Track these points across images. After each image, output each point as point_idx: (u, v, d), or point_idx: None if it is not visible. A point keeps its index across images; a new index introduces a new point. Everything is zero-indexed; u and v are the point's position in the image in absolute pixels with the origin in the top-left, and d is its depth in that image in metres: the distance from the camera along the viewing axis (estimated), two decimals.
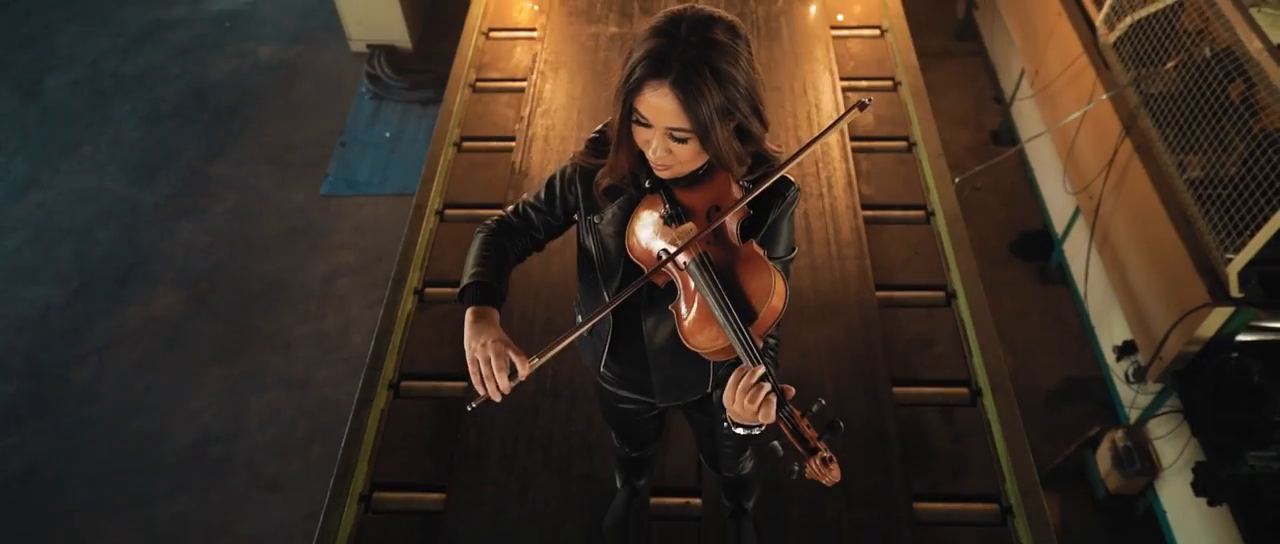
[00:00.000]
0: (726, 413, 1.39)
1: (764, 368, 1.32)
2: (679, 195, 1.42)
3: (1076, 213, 4.16)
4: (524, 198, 1.64)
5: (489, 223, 1.62)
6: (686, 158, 1.35)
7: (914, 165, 3.54)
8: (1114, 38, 3.77)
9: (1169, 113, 3.34)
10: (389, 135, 5.42)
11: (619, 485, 2.45)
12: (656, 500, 2.54)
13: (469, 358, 1.39)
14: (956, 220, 3.22)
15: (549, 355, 1.37)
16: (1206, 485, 3.07)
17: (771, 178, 1.37)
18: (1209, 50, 3.24)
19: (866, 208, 3.34)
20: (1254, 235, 2.81)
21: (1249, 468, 2.97)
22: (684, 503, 2.56)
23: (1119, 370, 3.62)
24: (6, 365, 4.30)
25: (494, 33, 4.22)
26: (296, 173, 5.20)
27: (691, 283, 1.39)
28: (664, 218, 1.41)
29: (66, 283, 4.65)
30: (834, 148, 3.53)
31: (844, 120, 1.39)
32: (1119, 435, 3.51)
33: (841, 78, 3.87)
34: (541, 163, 3.52)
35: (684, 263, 1.38)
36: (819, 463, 1.33)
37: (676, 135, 1.31)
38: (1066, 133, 4.11)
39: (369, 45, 5.81)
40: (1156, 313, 3.28)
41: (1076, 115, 3.95)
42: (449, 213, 3.40)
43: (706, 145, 1.30)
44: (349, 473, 2.57)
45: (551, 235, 1.65)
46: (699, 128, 1.27)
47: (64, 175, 5.24)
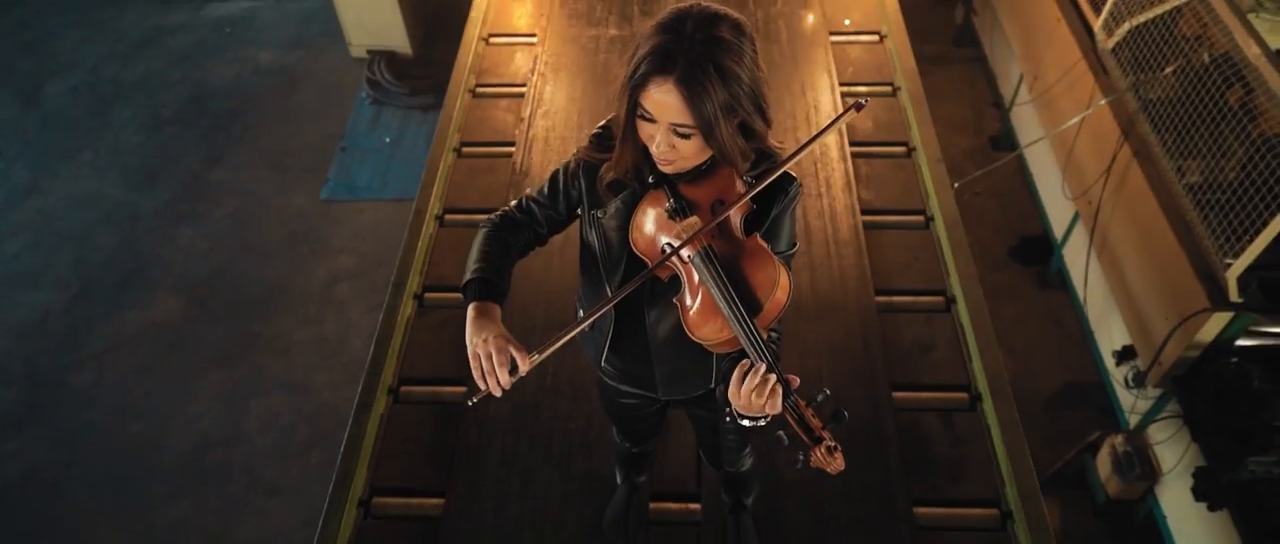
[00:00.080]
0: (731, 406, 1.40)
1: (769, 359, 1.34)
2: (683, 190, 1.43)
3: (1075, 218, 4.16)
4: (527, 192, 1.64)
5: (492, 217, 1.63)
6: (690, 153, 1.36)
7: (913, 170, 3.54)
8: (1112, 43, 3.78)
9: (1168, 118, 3.34)
10: (389, 140, 5.43)
11: (619, 482, 2.46)
12: (656, 505, 2.54)
13: (470, 353, 1.40)
14: (956, 225, 3.22)
15: (550, 351, 1.37)
16: (1207, 491, 3.07)
17: (775, 173, 1.38)
18: (1207, 55, 3.25)
19: (866, 213, 3.34)
20: (1253, 240, 2.82)
21: (1249, 473, 2.97)
22: (683, 507, 2.55)
23: (1119, 375, 3.62)
24: (6, 370, 4.30)
25: (494, 38, 4.23)
26: (296, 178, 5.21)
27: (696, 276, 1.40)
28: (668, 212, 1.42)
29: (66, 288, 4.65)
30: (833, 152, 3.53)
31: (841, 120, 1.40)
32: (1119, 440, 3.51)
33: (841, 83, 3.88)
34: (542, 164, 3.52)
35: (688, 256, 1.39)
36: (824, 452, 1.35)
37: (680, 131, 1.31)
38: (1065, 138, 4.12)
39: (369, 51, 5.82)
40: (1156, 318, 3.28)
41: (1075, 121, 3.95)
42: (449, 218, 3.40)
43: (710, 141, 1.31)
44: (348, 478, 2.56)
45: (554, 230, 1.65)
46: (703, 124, 1.28)
47: (64, 181, 5.25)
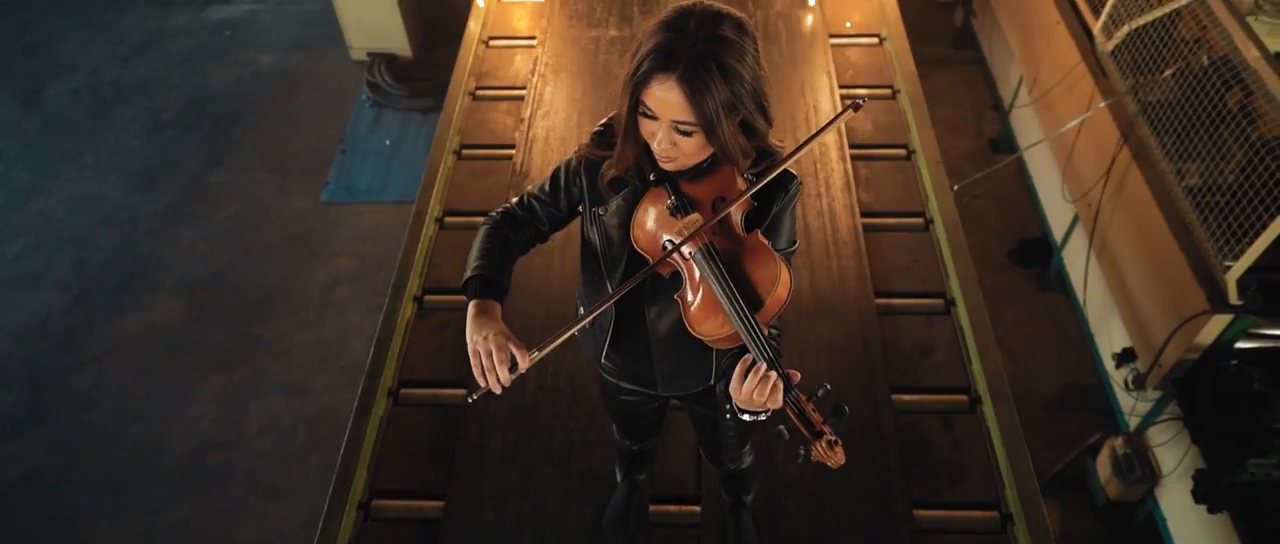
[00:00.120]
0: (731, 402, 1.40)
1: (770, 355, 1.35)
2: (684, 187, 1.44)
3: (1075, 220, 4.17)
4: (528, 189, 1.66)
5: (494, 214, 1.64)
6: (691, 151, 1.37)
7: (913, 173, 3.55)
8: (1112, 46, 3.78)
9: (1167, 120, 3.34)
10: (389, 143, 5.43)
11: (619, 480, 2.47)
12: (656, 507, 2.54)
13: (470, 350, 1.41)
14: (955, 228, 3.22)
15: (549, 348, 1.38)
16: (1207, 493, 3.07)
17: (775, 171, 1.39)
18: (1206, 58, 3.25)
19: (865, 215, 3.34)
20: (1253, 243, 2.82)
21: (1249, 476, 2.97)
22: (683, 510, 2.55)
23: (1118, 377, 3.62)
24: (6, 373, 4.30)
25: (494, 41, 4.23)
26: (297, 180, 5.21)
27: (697, 273, 1.41)
28: (669, 209, 1.43)
29: (67, 290, 4.65)
30: (833, 155, 3.54)
31: (840, 119, 1.41)
32: (1119, 443, 3.51)
33: (841, 85, 3.88)
34: (542, 165, 3.53)
35: (690, 253, 1.40)
36: (824, 446, 1.37)
37: (682, 128, 1.32)
38: (1065, 140, 4.12)
39: (369, 53, 5.83)
40: (1155, 320, 3.28)
41: (1075, 123, 3.96)
42: (449, 220, 3.41)
43: (712, 139, 1.32)
44: (348, 480, 2.57)
45: (555, 227, 1.67)
46: (705, 122, 1.29)
47: (65, 183, 5.25)
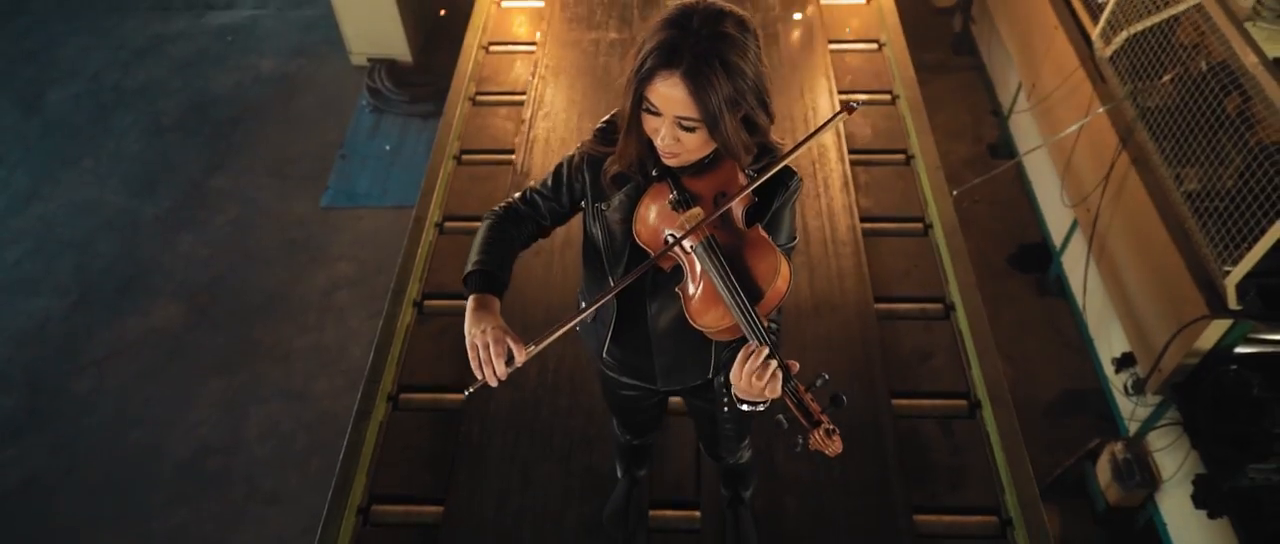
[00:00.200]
0: (733, 391, 1.43)
1: (770, 344, 1.37)
2: (686, 183, 1.46)
3: (1074, 225, 4.17)
4: (531, 185, 1.68)
5: (496, 209, 1.66)
6: (694, 146, 1.39)
7: (912, 178, 3.55)
8: (1110, 51, 3.79)
9: (1166, 126, 3.35)
10: (389, 148, 5.44)
11: (619, 476, 2.49)
12: (656, 512, 2.54)
13: (468, 343, 1.43)
14: (955, 233, 3.23)
15: (546, 343, 1.40)
16: (1207, 498, 3.06)
17: (775, 167, 1.41)
18: (1205, 64, 3.25)
19: (865, 220, 3.35)
20: (1252, 248, 2.82)
21: (1249, 481, 2.97)
22: (683, 515, 2.55)
23: (1118, 382, 3.62)
24: (6, 377, 4.30)
25: (494, 47, 4.24)
26: (297, 185, 5.22)
27: (698, 266, 1.43)
28: (671, 203, 1.45)
29: (66, 295, 4.65)
30: (832, 160, 3.54)
31: (835, 121, 1.43)
32: (1119, 448, 3.50)
33: (840, 91, 3.89)
34: (542, 166, 3.54)
35: (691, 247, 1.42)
36: (822, 434, 1.40)
37: (685, 124, 1.34)
38: (1064, 146, 4.13)
39: (369, 59, 5.83)
40: (1155, 325, 3.28)
41: (1074, 128, 3.96)
42: (448, 225, 3.41)
43: (715, 135, 1.34)
44: (347, 486, 2.57)
45: (557, 222, 1.69)
46: (708, 117, 1.31)
47: (65, 188, 5.25)
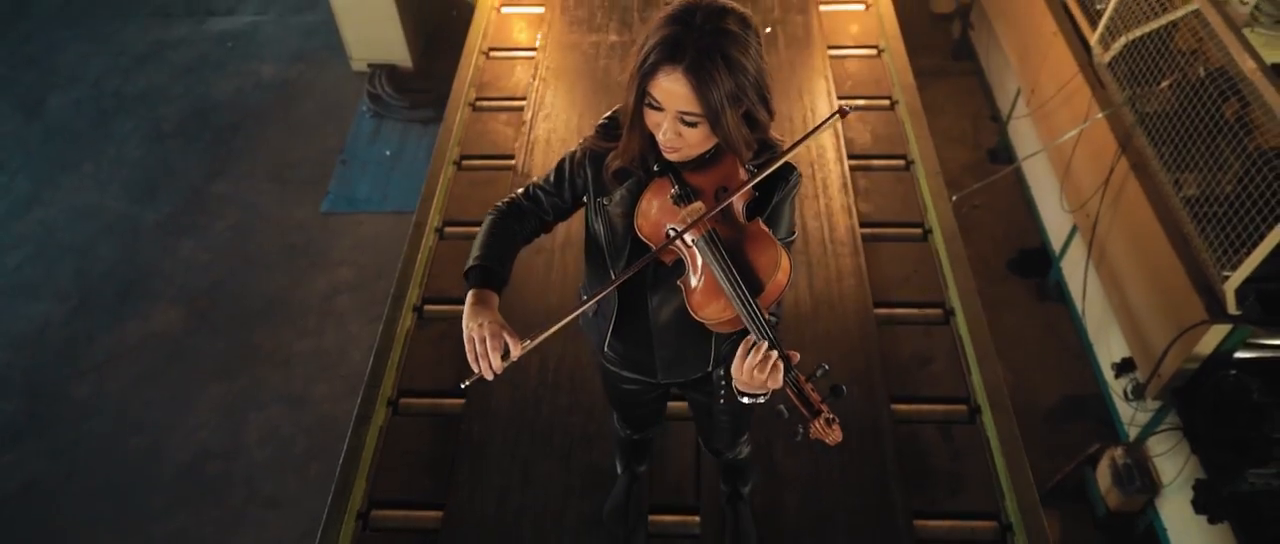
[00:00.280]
0: (727, 385, 1.45)
1: (771, 336, 1.38)
2: (687, 177, 1.48)
3: (1073, 230, 4.17)
4: (534, 181, 1.70)
5: (500, 204, 1.68)
6: (696, 141, 1.41)
7: (911, 183, 3.56)
8: (1109, 57, 3.80)
9: (1164, 131, 3.36)
10: (389, 153, 5.45)
11: (620, 471, 2.50)
12: (655, 517, 2.54)
13: (465, 337, 1.45)
14: (954, 238, 3.23)
15: (542, 338, 1.42)
16: (1207, 503, 3.06)
17: (777, 162, 1.43)
18: (1203, 70, 3.26)
19: (864, 225, 3.35)
20: (1250, 253, 2.82)
21: (1249, 486, 2.97)
22: (682, 520, 2.55)
23: (1118, 387, 3.62)
24: (6, 382, 4.30)
25: (494, 52, 4.25)
26: (297, 190, 5.22)
27: (699, 259, 1.45)
28: (673, 198, 1.47)
29: (67, 300, 4.66)
30: (832, 165, 3.55)
31: (828, 123, 1.44)
32: (1118, 453, 3.50)
33: (840, 96, 3.90)
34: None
35: (692, 240, 1.44)
36: (822, 424, 1.42)
37: (687, 119, 1.36)
38: (1063, 151, 4.13)
39: (370, 64, 5.85)
40: (1154, 330, 3.28)
41: (1072, 134, 3.97)
42: (448, 230, 3.41)
43: (716, 129, 1.36)
44: (347, 490, 2.57)
45: (559, 217, 1.70)
46: (710, 112, 1.33)
47: (66, 193, 5.26)
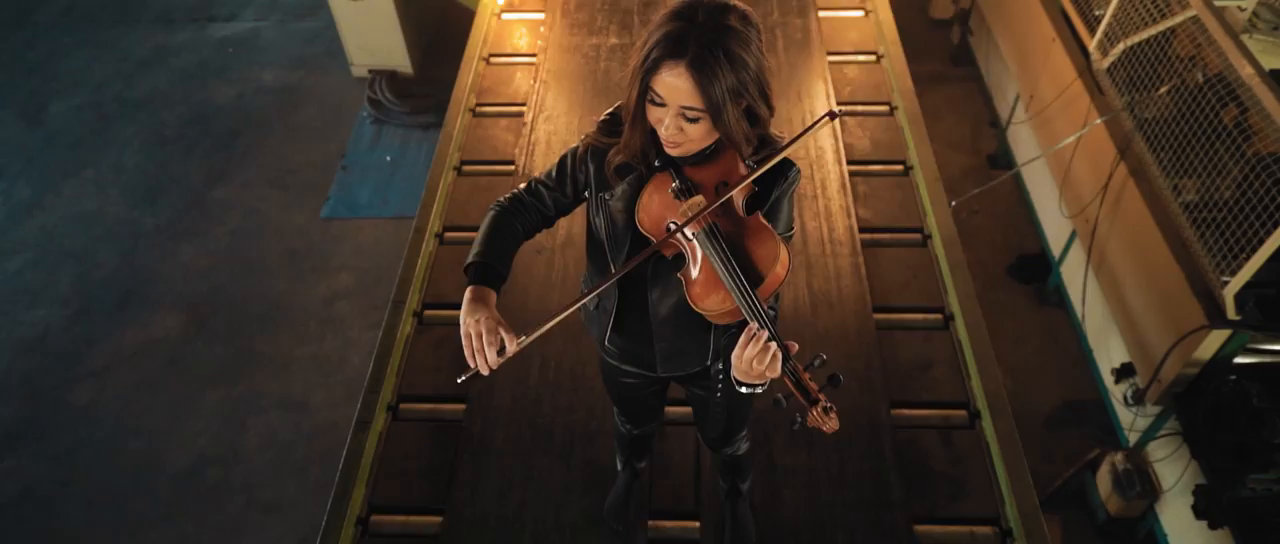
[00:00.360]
0: (725, 378, 1.46)
1: (770, 326, 1.40)
2: (688, 172, 1.50)
3: (1073, 236, 4.18)
4: (536, 176, 1.71)
5: (502, 200, 1.70)
6: (697, 137, 1.42)
7: (911, 188, 3.56)
8: (1108, 63, 3.81)
9: (1163, 137, 3.36)
10: (390, 159, 5.46)
11: (620, 467, 2.50)
12: (655, 523, 2.54)
13: (462, 332, 1.47)
14: (954, 243, 3.23)
15: (537, 334, 1.43)
16: (1207, 508, 3.06)
17: (776, 157, 1.44)
18: (1202, 76, 3.27)
19: (864, 231, 3.35)
20: (1250, 258, 2.83)
21: (1249, 491, 2.97)
22: (682, 525, 2.55)
23: (1118, 393, 3.62)
24: (5, 387, 4.30)
25: (494, 58, 4.26)
26: (297, 196, 5.23)
27: (699, 251, 1.46)
28: (674, 192, 1.49)
29: (67, 305, 4.66)
30: (831, 169, 3.55)
31: (816, 127, 1.45)
32: (1119, 458, 3.50)
33: (839, 102, 3.90)
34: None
35: (692, 233, 1.45)
36: (820, 412, 1.45)
37: (689, 115, 1.37)
38: (1062, 157, 4.14)
39: (371, 70, 5.87)
40: (1154, 335, 3.28)
41: (1071, 139, 3.98)
42: (448, 236, 3.42)
43: (718, 124, 1.37)
44: (346, 496, 2.56)
45: (561, 212, 1.73)
46: (711, 107, 1.34)
47: (66, 199, 5.27)
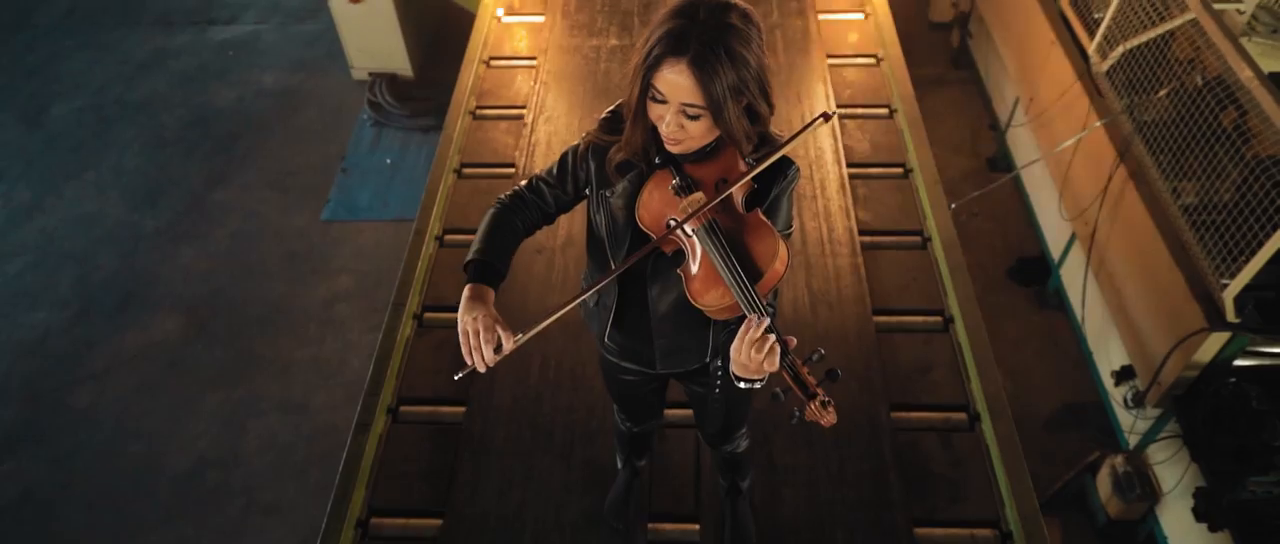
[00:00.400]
0: (722, 373, 1.46)
1: (769, 321, 1.40)
2: (688, 169, 1.51)
3: (1073, 238, 4.18)
4: (537, 173, 1.72)
5: (503, 197, 1.70)
6: (698, 134, 1.43)
7: (910, 191, 3.57)
8: (1107, 66, 3.81)
9: (1162, 140, 3.37)
10: (390, 162, 5.46)
11: (620, 466, 2.51)
12: (655, 526, 2.54)
13: (460, 329, 1.48)
14: (953, 246, 3.23)
15: (533, 331, 1.44)
16: (1207, 511, 3.06)
17: (776, 154, 1.45)
18: (1201, 78, 3.28)
19: (863, 234, 3.36)
20: (1249, 261, 2.83)
21: (1249, 493, 2.97)
22: (682, 528, 2.55)
23: (1117, 395, 3.62)
24: (4, 390, 4.29)
25: (494, 61, 4.27)
26: (298, 198, 5.23)
27: (699, 247, 1.47)
28: (674, 189, 1.49)
29: (66, 308, 4.66)
30: (831, 172, 3.55)
31: (811, 128, 1.45)
32: (1119, 461, 3.50)
33: (839, 105, 3.91)
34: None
35: (692, 230, 1.46)
36: (818, 406, 1.46)
37: (690, 112, 1.38)
38: (1061, 159, 4.14)
39: (371, 73, 5.87)
40: (1154, 338, 3.28)
41: (1071, 142, 3.98)
42: (449, 238, 3.42)
43: (718, 121, 1.38)
44: (346, 498, 2.56)
45: (562, 210, 1.73)
46: (712, 104, 1.35)
47: (66, 201, 5.27)
